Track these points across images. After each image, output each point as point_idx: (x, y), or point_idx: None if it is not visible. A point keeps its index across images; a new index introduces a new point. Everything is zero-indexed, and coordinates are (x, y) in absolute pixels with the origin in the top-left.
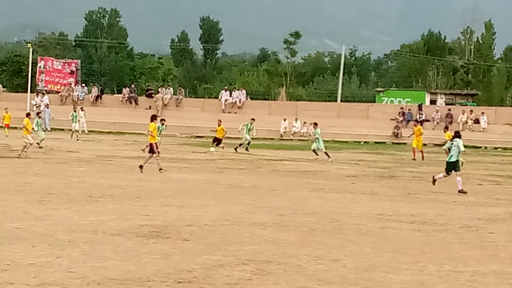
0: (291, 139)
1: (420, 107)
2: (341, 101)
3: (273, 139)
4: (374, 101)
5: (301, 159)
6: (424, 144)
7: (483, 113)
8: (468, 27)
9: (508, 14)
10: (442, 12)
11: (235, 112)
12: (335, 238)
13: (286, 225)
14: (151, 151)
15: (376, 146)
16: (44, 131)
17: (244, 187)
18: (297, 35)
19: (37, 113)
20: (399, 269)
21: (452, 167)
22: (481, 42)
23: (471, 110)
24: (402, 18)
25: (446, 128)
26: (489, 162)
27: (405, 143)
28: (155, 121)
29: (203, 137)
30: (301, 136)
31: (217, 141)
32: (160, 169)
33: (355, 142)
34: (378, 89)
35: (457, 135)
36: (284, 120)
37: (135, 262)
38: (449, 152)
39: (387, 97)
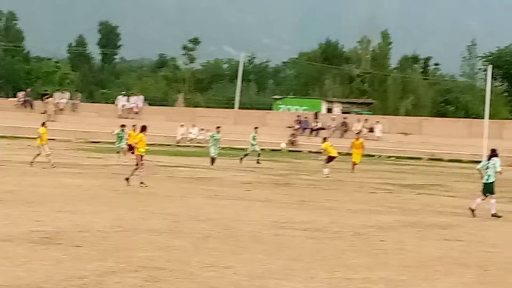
0: (188, 146)
1: (316, 115)
2: (239, 108)
3: (169, 145)
4: (271, 109)
5: (197, 165)
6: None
7: (378, 122)
8: (364, 36)
9: (404, 24)
10: (339, 21)
11: (132, 118)
12: (229, 245)
13: (180, 232)
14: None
15: (273, 154)
16: None
17: (139, 193)
18: (196, 41)
19: None
20: (291, 276)
21: (489, 189)
22: (377, 51)
23: (366, 119)
24: (300, 27)
25: (325, 139)
26: (382, 170)
27: (300, 151)
28: (144, 132)
29: (99, 142)
30: (198, 142)
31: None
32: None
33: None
34: (275, 96)
35: (494, 154)
36: (181, 126)
37: (25, 268)
38: (486, 172)
39: (284, 105)
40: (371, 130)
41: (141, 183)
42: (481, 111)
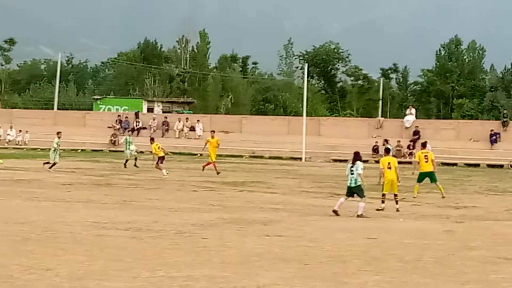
0: (6, 148)
1: (137, 115)
2: (58, 109)
3: None
4: (91, 109)
5: (16, 167)
6: (142, 152)
7: (198, 120)
8: (183, 36)
9: (221, 24)
10: (158, 21)
11: None
12: (49, 247)
13: None
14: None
15: (94, 154)
16: None
17: None
18: (11, 41)
19: None
20: (113, 276)
21: (356, 191)
22: (196, 51)
23: (187, 118)
24: (119, 27)
25: (152, 139)
26: (205, 168)
27: (122, 151)
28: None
29: None
30: (17, 144)
31: None
32: None
33: (72, 150)
34: (95, 97)
35: (358, 157)
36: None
37: None
38: (351, 176)
39: (104, 105)
40: (192, 129)
41: None
42: (299, 108)
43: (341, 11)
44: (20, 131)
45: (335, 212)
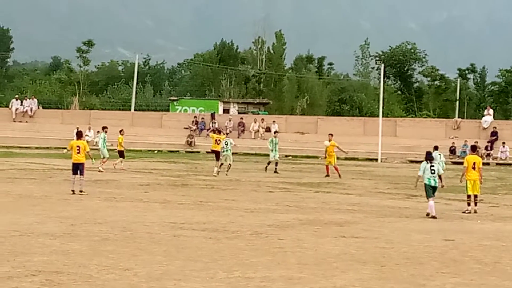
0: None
1: (213, 116)
2: (135, 110)
3: (65, 148)
4: (168, 110)
5: (94, 168)
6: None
7: (274, 121)
8: (259, 37)
9: (298, 25)
10: (234, 22)
11: (26, 121)
12: (127, 247)
13: (77, 235)
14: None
15: (170, 155)
16: None
17: (35, 197)
18: (90, 43)
19: None
20: (190, 276)
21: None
22: (272, 52)
23: (263, 119)
24: (195, 28)
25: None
26: (280, 169)
27: (198, 152)
28: (80, 139)
29: None
30: (94, 145)
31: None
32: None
33: (149, 150)
34: (172, 98)
35: (431, 157)
36: (77, 129)
37: None
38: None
39: (181, 106)
40: (267, 129)
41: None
42: (375, 109)
43: (418, 11)
44: (98, 132)
45: (433, 217)
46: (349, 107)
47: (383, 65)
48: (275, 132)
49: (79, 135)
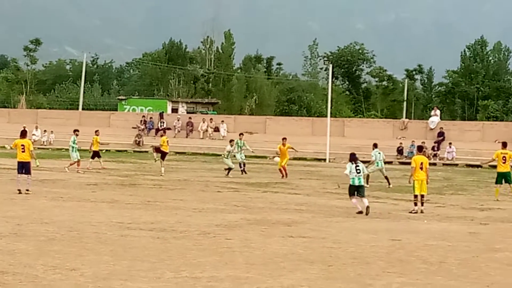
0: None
1: (161, 116)
2: (83, 109)
3: (12, 147)
4: (116, 109)
5: (41, 168)
6: (183, 153)
7: (223, 121)
8: (208, 36)
9: (247, 25)
10: (183, 22)
11: None
12: (74, 247)
13: (24, 235)
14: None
15: (118, 154)
16: None
17: None
18: (37, 42)
19: None
20: (137, 276)
21: (359, 190)
22: (221, 51)
23: (211, 119)
24: (144, 27)
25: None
26: (237, 170)
27: (146, 151)
28: (24, 137)
29: None
30: (42, 144)
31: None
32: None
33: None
34: (120, 97)
35: (355, 158)
36: (24, 128)
37: None
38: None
39: (129, 105)
40: (216, 129)
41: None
42: (323, 109)
43: (365, 12)
44: (45, 131)
45: (361, 212)
46: (297, 107)
47: (331, 65)
48: (240, 134)
49: (23, 134)
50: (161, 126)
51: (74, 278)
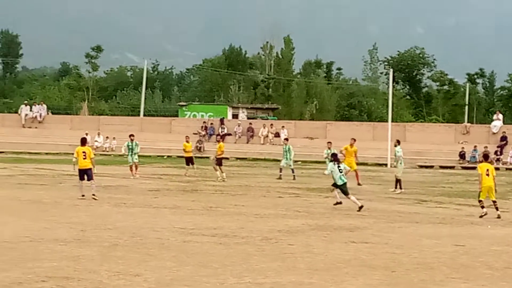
0: (94, 154)
1: (222, 121)
2: (144, 115)
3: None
4: (177, 115)
5: (104, 174)
6: (227, 158)
7: (283, 126)
8: (267, 42)
9: (306, 30)
10: (242, 28)
11: (35, 127)
12: (137, 252)
13: (87, 241)
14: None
15: (179, 160)
16: None
17: (45, 202)
18: (98, 49)
19: None
20: (200, 282)
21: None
22: (280, 57)
23: (272, 124)
24: (204, 33)
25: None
26: (289, 175)
27: (208, 157)
28: (84, 145)
29: (2, 152)
30: (104, 150)
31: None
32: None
33: (158, 156)
34: (181, 103)
35: (337, 158)
36: (86, 134)
37: None
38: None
39: (190, 111)
40: (277, 135)
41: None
42: (384, 114)
43: (426, 16)
44: (107, 137)
45: (340, 203)
46: (358, 112)
47: (391, 70)
48: (285, 139)
49: (84, 141)
50: (221, 132)
51: (137, 284)
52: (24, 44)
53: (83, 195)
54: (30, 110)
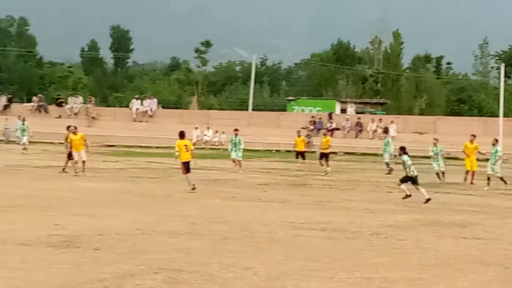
0: (203, 148)
1: (330, 116)
2: (253, 109)
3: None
4: (285, 110)
5: (213, 167)
6: (335, 153)
7: (392, 121)
8: (376, 36)
9: (415, 24)
10: (351, 22)
11: (146, 121)
12: (247, 246)
13: (198, 234)
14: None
15: (288, 155)
16: None
17: (156, 196)
18: (208, 44)
19: None
20: (310, 276)
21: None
22: (389, 51)
23: (380, 119)
24: (312, 28)
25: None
26: (399, 169)
27: (315, 152)
28: (184, 138)
29: (114, 146)
30: (213, 145)
31: (300, 154)
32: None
33: (267, 150)
34: (289, 98)
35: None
36: (196, 129)
37: (45, 272)
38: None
39: (298, 106)
40: (385, 130)
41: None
42: (495, 109)
43: None
44: (216, 131)
45: (409, 196)
46: (468, 107)
47: (503, 64)
48: (435, 139)
49: (182, 135)
50: (330, 126)
51: (248, 277)
52: (135, 40)
53: (193, 188)
54: (141, 104)
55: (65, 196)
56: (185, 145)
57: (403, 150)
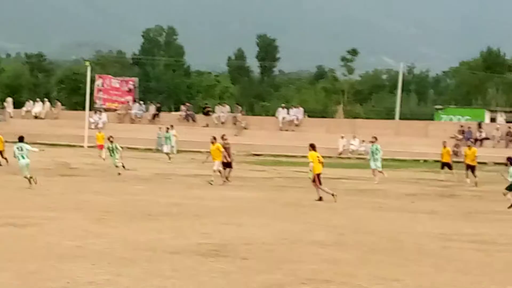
0: (349, 158)
1: (479, 125)
2: (400, 118)
3: (331, 157)
4: (432, 119)
5: (360, 177)
6: (485, 163)
7: None
8: None
9: None
10: (500, 29)
11: (292, 130)
12: (396, 257)
13: (346, 244)
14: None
15: (436, 165)
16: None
17: (303, 205)
18: (354, 52)
19: (108, 138)
20: None
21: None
22: None
23: None
24: (460, 35)
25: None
26: None
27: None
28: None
29: (260, 155)
30: (359, 154)
31: (446, 165)
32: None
33: (414, 160)
34: (437, 106)
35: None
36: (342, 138)
37: (194, 280)
38: None
39: (446, 115)
40: None
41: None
42: None
43: None
44: (363, 141)
45: None
46: None
47: None
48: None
49: (314, 147)
50: (479, 136)
51: None
52: (281, 48)
53: (333, 194)
54: (287, 113)
55: (212, 205)
56: (318, 157)
57: (510, 161)
